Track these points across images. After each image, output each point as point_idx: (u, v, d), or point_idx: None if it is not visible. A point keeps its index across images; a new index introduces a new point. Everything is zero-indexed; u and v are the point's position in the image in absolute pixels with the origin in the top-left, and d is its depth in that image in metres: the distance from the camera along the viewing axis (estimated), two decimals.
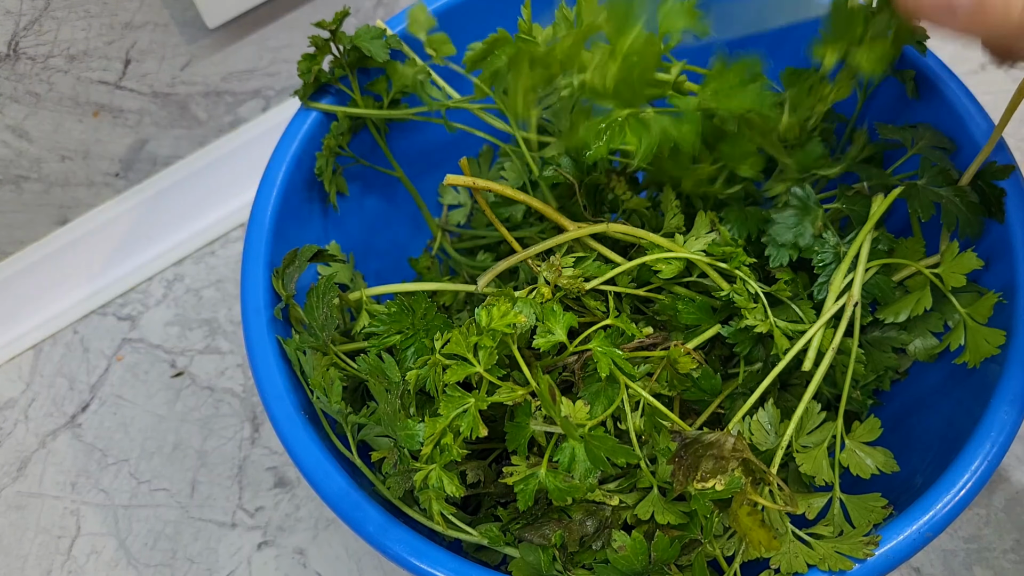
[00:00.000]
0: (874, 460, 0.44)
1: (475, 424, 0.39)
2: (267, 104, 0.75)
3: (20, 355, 0.71)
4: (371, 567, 0.61)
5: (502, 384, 0.41)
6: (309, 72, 0.49)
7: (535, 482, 0.40)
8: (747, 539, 0.39)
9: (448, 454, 0.39)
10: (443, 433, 0.40)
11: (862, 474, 0.44)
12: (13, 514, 0.64)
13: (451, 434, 0.40)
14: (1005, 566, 0.59)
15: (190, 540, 0.62)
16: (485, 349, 0.40)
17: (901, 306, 0.47)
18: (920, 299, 0.46)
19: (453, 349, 0.41)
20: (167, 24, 0.64)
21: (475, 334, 0.40)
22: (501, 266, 0.46)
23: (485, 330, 0.40)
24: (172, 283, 0.73)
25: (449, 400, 0.40)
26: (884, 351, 0.49)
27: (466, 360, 0.40)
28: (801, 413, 0.43)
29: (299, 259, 0.48)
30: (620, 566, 0.39)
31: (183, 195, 0.74)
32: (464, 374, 0.40)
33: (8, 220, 0.67)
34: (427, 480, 0.40)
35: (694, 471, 0.40)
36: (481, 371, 0.40)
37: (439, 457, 0.40)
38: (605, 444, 0.40)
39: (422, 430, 0.40)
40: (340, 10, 0.49)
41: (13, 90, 0.61)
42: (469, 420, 0.39)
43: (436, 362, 0.41)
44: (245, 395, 0.68)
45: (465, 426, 0.39)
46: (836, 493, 0.43)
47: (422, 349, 0.44)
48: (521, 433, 0.41)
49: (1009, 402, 0.41)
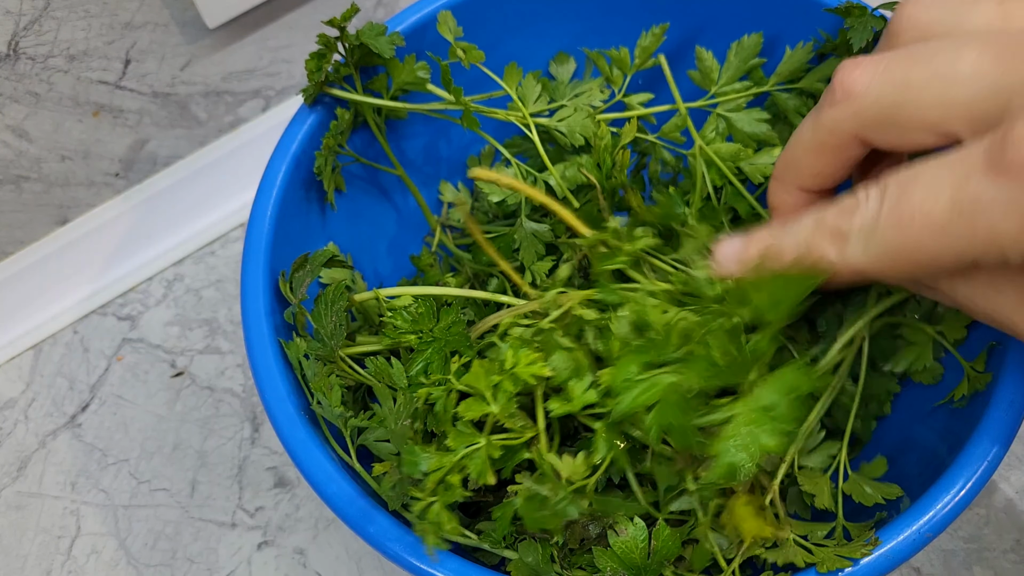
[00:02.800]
0: (878, 492, 0.44)
1: (484, 470, 0.38)
2: (267, 104, 0.75)
3: (20, 355, 0.71)
4: (371, 567, 0.61)
5: (512, 425, 0.40)
6: (320, 71, 0.49)
7: (511, 509, 0.40)
8: (740, 530, 0.39)
9: (451, 494, 0.38)
10: (450, 471, 0.39)
11: (865, 502, 0.44)
12: (13, 514, 0.64)
13: (457, 474, 0.39)
14: (1005, 566, 0.59)
15: (190, 540, 0.62)
16: (505, 393, 0.39)
17: (900, 358, 0.47)
18: (920, 355, 0.47)
19: (471, 381, 0.40)
20: (167, 24, 0.64)
21: (497, 372, 0.39)
22: (491, 320, 0.45)
23: (508, 372, 0.39)
24: (172, 283, 0.73)
25: (459, 436, 0.39)
26: (883, 375, 0.49)
27: (483, 398, 0.39)
28: (805, 435, 0.43)
29: (311, 264, 0.47)
30: (619, 550, 0.39)
31: (183, 195, 0.74)
32: (480, 413, 0.39)
33: (8, 220, 0.67)
34: (426, 512, 0.39)
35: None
36: (496, 414, 0.39)
37: (442, 493, 0.39)
38: (611, 503, 0.40)
39: (427, 460, 0.39)
40: (347, 8, 0.49)
41: (13, 90, 0.61)
42: (478, 464, 0.38)
43: (451, 386, 0.41)
44: (245, 395, 0.68)
45: (473, 469, 0.38)
46: (840, 521, 0.43)
47: (436, 361, 0.43)
48: (514, 458, 0.41)
49: (1008, 403, 0.41)
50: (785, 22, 0.56)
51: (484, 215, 0.60)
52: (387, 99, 0.53)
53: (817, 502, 0.43)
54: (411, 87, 0.52)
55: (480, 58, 0.51)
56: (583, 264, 0.50)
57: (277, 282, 0.48)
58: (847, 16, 0.51)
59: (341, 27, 0.49)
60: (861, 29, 0.50)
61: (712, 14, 0.59)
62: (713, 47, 0.60)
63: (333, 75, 0.51)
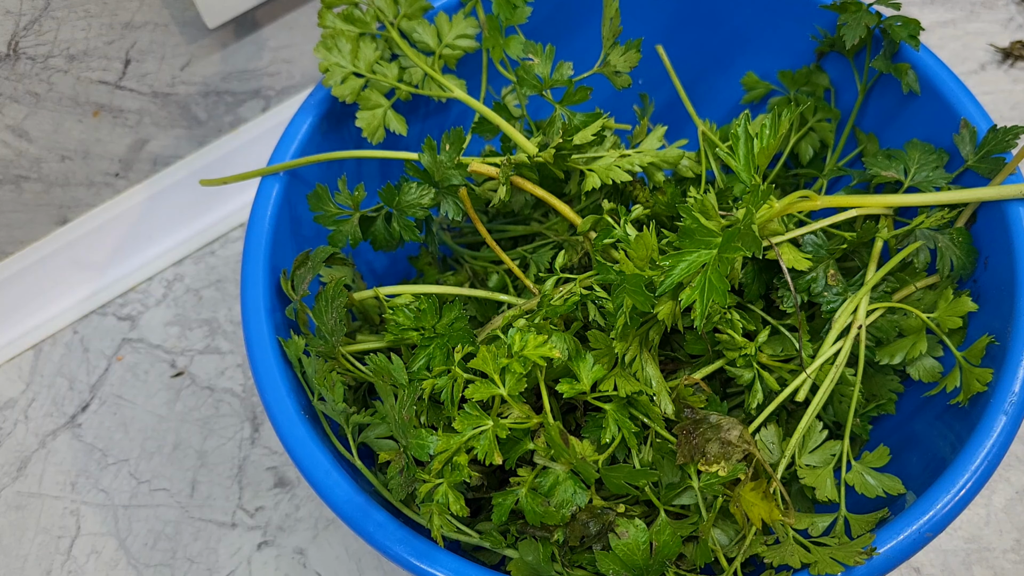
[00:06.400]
0: (880, 483, 0.44)
1: (491, 450, 0.39)
2: (267, 104, 0.75)
3: (20, 355, 0.71)
4: (371, 567, 0.61)
5: (519, 409, 0.40)
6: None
7: (512, 499, 0.40)
8: (749, 515, 0.39)
9: (459, 473, 0.39)
10: (457, 451, 0.39)
11: (867, 494, 0.44)
12: (13, 514, 0.64)
13: (464, 454, 0.39)
14: (1005, 566, 0.59)
15: (190, 540, 0.62)
16: (513, 374, 0.40)
17: (896, 348, 0.48)
18: (916, 343, 0.47)
19: (479, 365, 0.40)
20: (167, 24, 0.64)
21: (505, 356, 0.40)
22: (497, 323, 0.46)
23: (516, 355, 0.40)
24: (172, 283, 0.73)
25: (466, 417, 0.40)
26: (886, 375, 0.49)
27: (491, 380, 0.40)
28: (803, 431, 0.44)
29: (312, 261, 0.47)
30: (621, 553, 0.39)
31: (183, 195, 0.74)
32: (488, 394, 0.40)
33: (8, 220, 0.67)
34: (432, 494, 0.39)
35: (700, 452, 0.40)
36: (504, 395, 0.40)
37: (449, 474, 0.39)
38: (622, 472, 0.41)
39: (434, 443, 0.40)
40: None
41: (13, 90, 0.61)
42: (485, 444, 0.39)
43: (456, 375, 0.41)
44: (245, 395, 0.68)
45: (480, 450, 0.39)
46: (842, 512, 0.43)
47: (439, 356, 0.43)
48: (517, 448, 0.41)
49: (1008, 403, 0.41)
50: (782, 19, 0.56)
51: (484, 214, 0.60)
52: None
53: (819, 494, 0.43)
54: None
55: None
56: (582, 261, 0.50)
57: (277, 281, 0.48)
58: (842, 12, 0.52)
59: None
60: (855, 25, 0.50)
61: (712, 13, 0.59)
62: (711, 44, 0.60)
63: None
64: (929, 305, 0.47)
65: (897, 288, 0.48)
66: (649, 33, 0.58)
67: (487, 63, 0.54)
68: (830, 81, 0.57)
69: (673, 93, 0.58)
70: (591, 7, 0.58)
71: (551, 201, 0.48)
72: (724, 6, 0.58)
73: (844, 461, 0.45)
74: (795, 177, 0.59)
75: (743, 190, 0.40)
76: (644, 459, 0.43)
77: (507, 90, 0.57)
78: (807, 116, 0.57)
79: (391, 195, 0.49)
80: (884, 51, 0.51)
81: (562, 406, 0.47)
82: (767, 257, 0.46)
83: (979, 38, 0.80)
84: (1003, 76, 0.78)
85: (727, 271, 0.38)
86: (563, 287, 0.46)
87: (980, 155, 0.47)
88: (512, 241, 0.58)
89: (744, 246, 0.38)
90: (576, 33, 0.59)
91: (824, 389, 0.44)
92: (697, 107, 0.57)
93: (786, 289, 0.47)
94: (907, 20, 0.50)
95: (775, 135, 0.40)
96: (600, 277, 0.42)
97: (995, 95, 0.77)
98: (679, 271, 0.39)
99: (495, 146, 0.60)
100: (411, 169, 0.49)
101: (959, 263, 0.47)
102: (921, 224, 0.48)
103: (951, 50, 0.80)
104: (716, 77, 0.62)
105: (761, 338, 0.45)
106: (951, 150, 0.49)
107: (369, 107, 0.52)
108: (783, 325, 0.47)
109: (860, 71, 0.54)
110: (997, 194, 0.45)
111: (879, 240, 0.48)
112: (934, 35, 0.81)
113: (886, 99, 0.54)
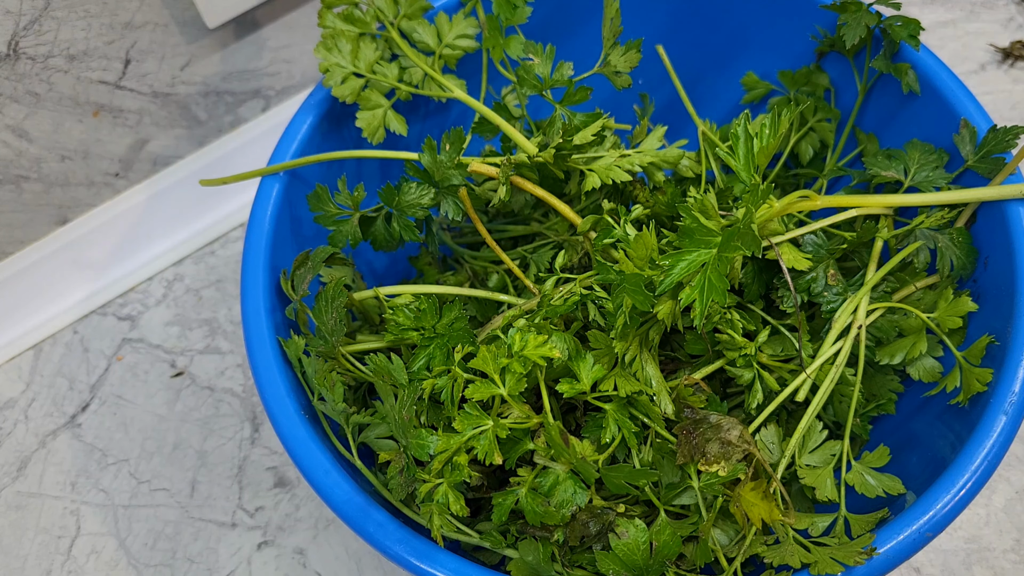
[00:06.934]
0: (880, 483, 0.44)
1: (491, 450, 0.39)
2: (267, 104, 0.75)
3: (20, 355, 0.71)
4: (371, 567, 0.61)
5: (519, 409, 0.41)
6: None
7: (512, 499, 0.40)
8: (749, 515, 0.39)
9: (459, 473, 0.39)
10: (457, 451, 0.39)
11: (867, 494, 0.44)
12: (13, 514, 0.64)
13: (464, 454, 0.39)
14: (1005, 566, 0.59)
15: (190, 540, 0.62)
16: (513, 374, 0.40)
17: (896, 348, 0.48)
18: (916, 343, 0.47)
19: (479, 365, 0.40)
20: (167, 24, 0.64)
21: (505, 356, 0.40)
22: (497, 324, 0.46)
23: (516, 355, 0.40)
24: (172, 283, 0.73)
25: (466, 417, 0.40)
26: (886, 375, 0.49)
27: (491, 380, 0.40)
28: (803, 431, 0.44)
29: (312, 261, 0.47)
30: (621, 553, 0.39)
31: (183, 195, 0.74)
32: (488, 394, 0.40)
33: (8, 220, 0.67)
34: (432, 494, 0.39)
35: (700, 452, 0.40)
36: (504, 395, 0.40)
37: (449, 474, 0.39)
38: (622, 472, 0.41)
39: (434, 443, 0.40)
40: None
41: (13, 90, 0.61)
42: (485, 444, 0.39)
43: (456, 375, 0.41)
44: (245, 395, 0.68)
45: (480, 450, 0.39)
46: (842, 512, 0.43)
47: (439, 356, 0.43)
48: (517, 448, 0.41)
49: (1008, 403, 0.41)
50: (782, 19, 0.56)
51: (484, 214, 0.60)
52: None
53: (819, 494, 0.44)
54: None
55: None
56: (582, 261, 0.50)
57: (277, 281, 0.48)
58: (842, 12, 0.52)
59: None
60: (855, 25, 0.50)
61: (712, 13, 0.59)
62: (711, 44, 0.60)
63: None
64: (929, 305, 0.47)
65: (897, 288, 0.48)
66: (649, 33, 0.58)
67: (487, 63, 0.54)
68: (830, 81, 0.57)
69: (673, 93, 0.58)
70: (591, 7, 0.58)
71: (551, 201, 0.48)
72: (724, 6, 0.58)
73: (844, 461, 0.45)
74: (795, 177, 0.59)
75: (743, 190, 0.40)
76: (644, 459, 0.43)
77: (507, 90, 0.57)
78: (807, 116, 0.57)
79: (391, 195, 0.49)
80: (884, 51, 0.51)
81: (562, 406, 0.47)
82: (767, 257, 0.46)
83: (979, 38, 0.80)
84: (1003, 76, 0.78)
85: (727, 271, 0.38)
86: (563, 287, 0.46)
87: (980, 155, 0.47)
88: (512, 241, 0.58)
89: (744, 246, 0.38)
90: (576, 33, 0.59)
91: (824, 389, 0.44)
92: (697, 107, 0.57)
93: (786, 289, 0.47)
94: (907, 20, 0.50)
95: (775, 135, 0.40)
96: (600, 277, 0.42)
97: (995, 95, 0.77)
98: (679, 271, 0.39)
99: (495, 146, 0.61)
100: (411, 169, 0.49)
101: (959, 263, 0.47)
102: (921, 224, 0.48)
103: (951, 50, 0.80)
104: (716, 77, 0.62)
105: (761, 338, 0.45)
106: (951, 150, 0.49)
107: (369, 107, 0.52)
108: (783, 325, 0.47)
109: (860, 71, 0.54)
110: (997, 194, 0.45)
111: (879, 240, 0.48)
112: (934, 35, 0.81)
113: (886, 99, 0.54)
